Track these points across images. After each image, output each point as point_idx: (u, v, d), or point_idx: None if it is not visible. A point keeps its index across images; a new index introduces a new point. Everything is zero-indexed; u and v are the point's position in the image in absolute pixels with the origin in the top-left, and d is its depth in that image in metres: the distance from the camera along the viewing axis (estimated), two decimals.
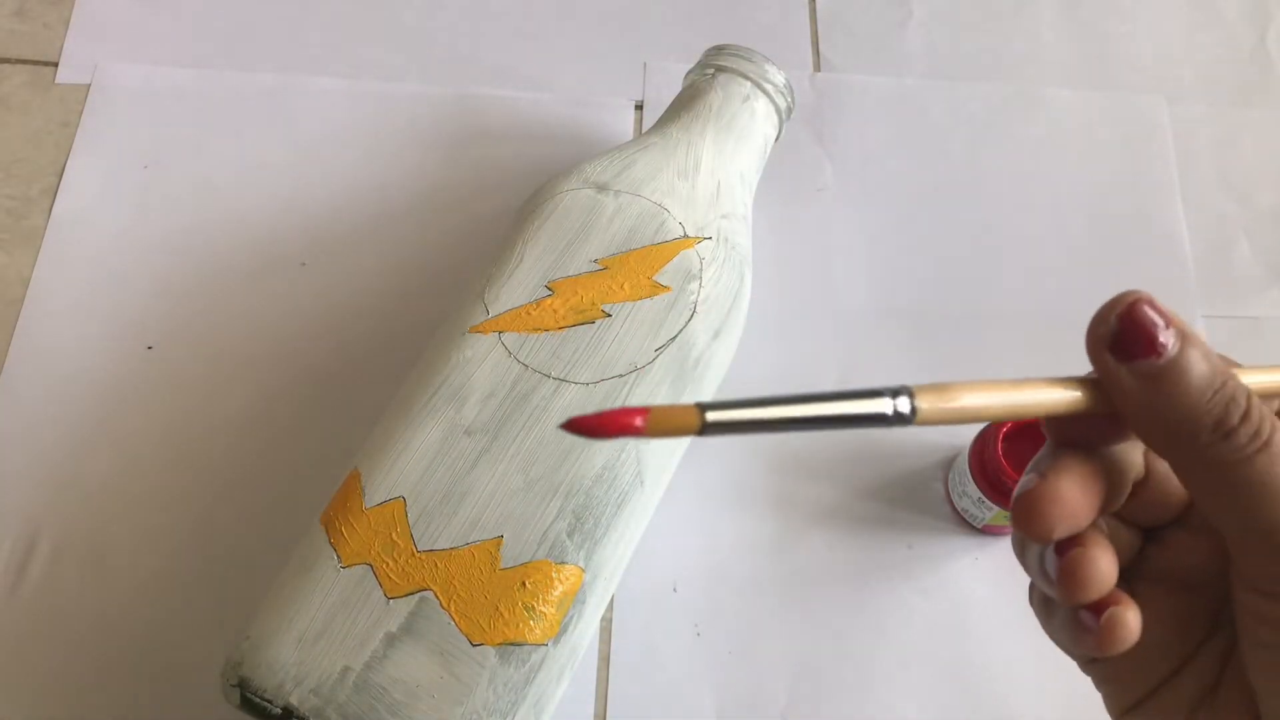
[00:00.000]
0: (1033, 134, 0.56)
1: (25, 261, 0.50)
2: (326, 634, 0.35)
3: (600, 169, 0.43)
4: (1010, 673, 0.44)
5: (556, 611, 0.36)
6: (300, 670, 0.34)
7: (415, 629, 0.35)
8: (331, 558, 0.36)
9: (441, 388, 0.38)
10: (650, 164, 0.43)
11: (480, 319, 0.39)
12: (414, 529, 0.36)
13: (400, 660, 0.34)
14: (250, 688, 0.34)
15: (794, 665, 0.44)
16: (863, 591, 0.46)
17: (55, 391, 0.48)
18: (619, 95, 0.56)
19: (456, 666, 0.34)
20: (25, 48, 0.56)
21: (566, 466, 0.37)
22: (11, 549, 0.45)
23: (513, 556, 0.36)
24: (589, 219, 0.41)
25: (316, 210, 0.52)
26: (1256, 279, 0.53)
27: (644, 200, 0.42)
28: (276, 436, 0.47)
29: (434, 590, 0.35)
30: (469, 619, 0.35)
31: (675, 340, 0.40)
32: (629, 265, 0.40)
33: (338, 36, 0.57)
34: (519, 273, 0.40)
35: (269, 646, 0.35)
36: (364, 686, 0.34)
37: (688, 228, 0.42)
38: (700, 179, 0.43)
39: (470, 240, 0.52)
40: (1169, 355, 0.22)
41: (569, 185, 0.43)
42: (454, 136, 0.55)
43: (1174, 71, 0.59)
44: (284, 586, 0.36)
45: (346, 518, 0.36)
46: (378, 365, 0.49)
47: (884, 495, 0.47)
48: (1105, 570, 0.23)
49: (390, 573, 0.35)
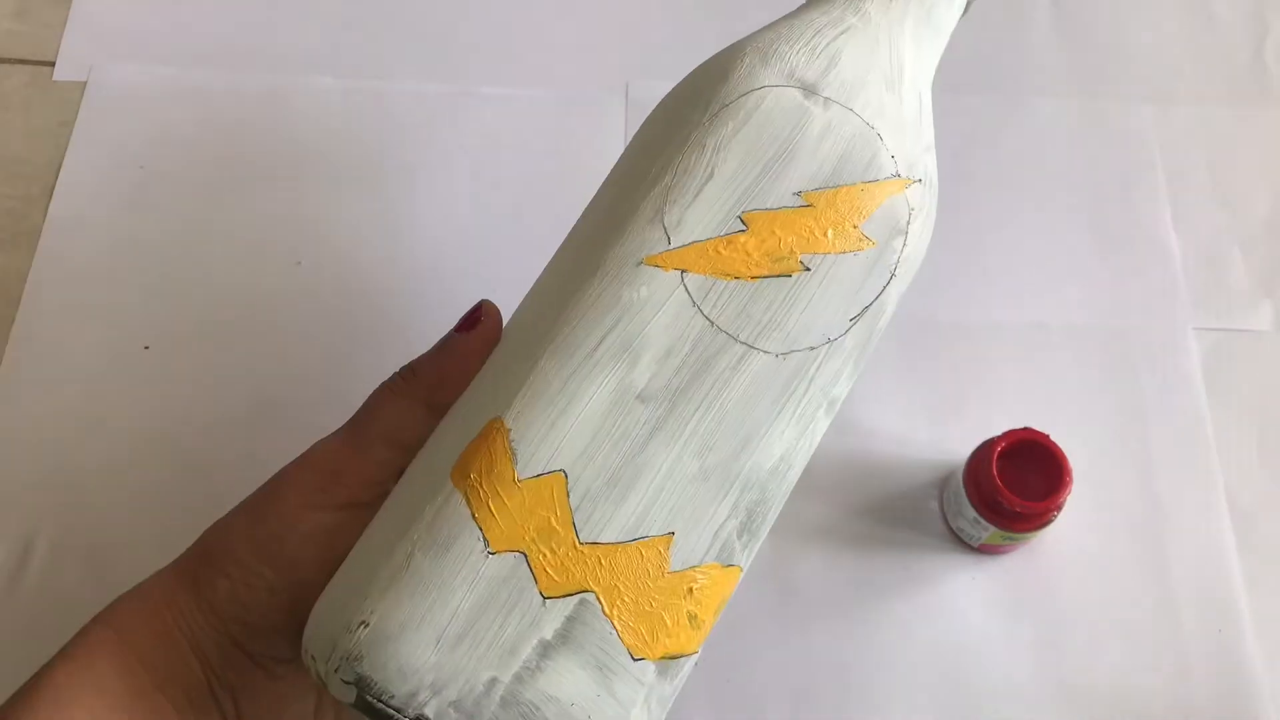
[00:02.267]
0: (1020, 144, 0.56)
1: (23, 261, 0.50)
2: (471, 635, 0.29)
3: (803, 57, 0.34)
4: (1008, 692, 0.44)
5: (713, 618, 0.31)
6: (439, 677, 0.29)
7: (573, 637, 0.29)
8: (476, 538, 0.29)
9: (611, 333, 0.31)
10: (856, 61, 0.34)
11: (659, 248, 0.32)
12: (575, 514, 0.30)
13: (554, 673, 0.29)
14: (372, 690, 0.29)
15: (792, 687, 0.44)
16: (859, 612, 0.46)
17: (53, 391, 0.48)
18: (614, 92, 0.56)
19: (615, 683, 0.30)
20: (25, 48, 0.55)
21: (746, 454, 0.31)
22: (9, 548, 0.45)
23: (682, 558, 0.30)
24: (795, 134, 0.33)
25: (312, 209, 0.52)
26: (1249, 291, 0.53)
27: (855, 118, 0.34)
28: (274, 436, 0.47)
29: (596, 592, 0.30)
30: (632, 629, 0.30)
31: (869, 309, 0.33)
32: (837, 206, 0.33)
33: (334, 35, 0.57)
34: (709, 191, 0.33)
35: (399, 642, 0.29)
36: (512, 702, 0.29)
37: (900, 164, 0.34)
38: (904, 92, 0.35)
39: (470, 238, 0.52)
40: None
41: (769, 78, 0.34)
42: (451, 135, 0.55)
43: (1166, 81, 0.59)
44: (411, 563, 0.29)
45: (494, 488, 0.30)
46: (374, 364, 0.49)
47: (879, 515, 0.47)
48: None
49: (548, 566, 0.30)
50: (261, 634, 0.32)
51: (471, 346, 0.33)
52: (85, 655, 0.31)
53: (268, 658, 0.32)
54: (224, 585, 0.32)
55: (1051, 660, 0.45)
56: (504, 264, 0.51)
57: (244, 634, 0.32)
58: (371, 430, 0.33)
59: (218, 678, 0.32)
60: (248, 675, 0.32)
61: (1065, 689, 0.45)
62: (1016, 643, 0.45)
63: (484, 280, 0.51)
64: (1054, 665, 0.45)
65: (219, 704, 0.32)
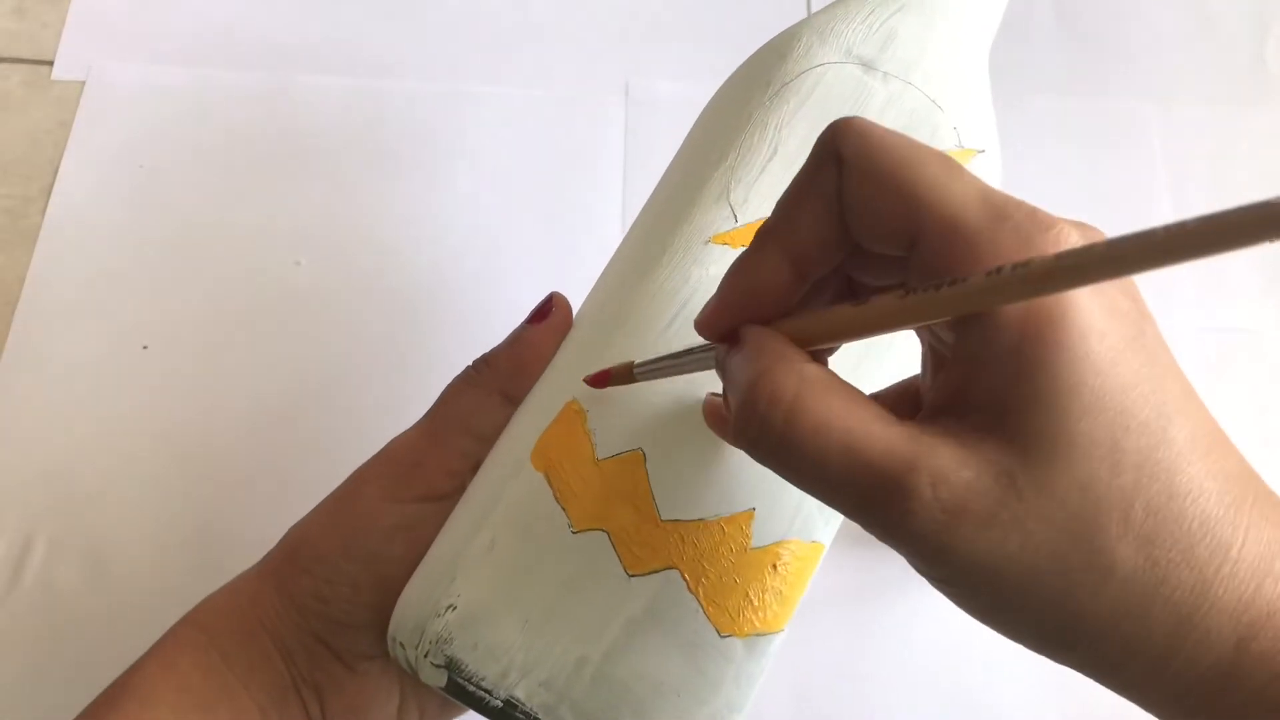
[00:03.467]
0: (1020, 144, 0.56)
1: (22, 261, 0.50)
2: (558, 614, 0.29)
3: (860, 35, 0.35)
4: (1012, 693, 0.45)
5: (798, 595, 0.31)
6: (528, 658, 0.29)
7: (659, 614, 0.29)
8: (559, 518, 0.29)
9: (683, 311, 0.31)
10: (913, 36, 0.35)
11: (727, 226, 0.32)
12: (655, 492, 0.30)
13: (643, 651, 0.29)
14: (463, 672, 0.28)
15: (794, 688, 0.44)
16: (862, 612, 0.46)
17: (51, 391, 0.48)
18: (614, 92, 0.56)
19: (703, 661, 0.30)
20: (23, 47, 0.55)
21: None
22: (8, 548, 0.45)
23: (764, 533, 0.30)
24: (856, 109, 0.34)
25: (312, 208, 0.52)
26: (1249, 291, 0.53)
27: (915, 91, 0.34)
28: (273, 435, 0.47)
29: (680, 569, 0.30)
30: (718, 605, 0.30)
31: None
32: None
33: (334, 35, 0.57)
34: (773, 169, 0.33)
35: (487, 624, 0.29)
36: (603, 680, 0.29)
37: (962, 135, 0.35)
38: (962, 66, 0.36)
39: (470, 238, 0.52)
40: None
41: (828, 55, 0.34)
42: (450, 134, 0.54)
43: (1167, 81, 0.59)
44: (496, 545, 0.30)
45: (575, 468, 0.30)
46: (374, 364, 0.49)
47: None
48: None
49: (631, 544, 0.29)
50: (345, 630, 0.32)
51: (543, 337, 0.33)
52: (171, 654, 0.32)
53: (352, 654, 0.32)
54: (307, 582, 0.32)
55: (1053, 663, 0.45)
56: (504, 263, 0.51)
57: (328, 630, 0.32)
58: (449, 421, 0.33)
59: (302, 676, 0.32)
60: (332, 672, 0.32)
61: (1065, 689, 0.45)
62: (1019, 645, 0.45)
63: (485, 280, 0.51)
64: (1054, 665, 0.45)
65: (303, 702, 0.32)
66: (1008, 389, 0.20)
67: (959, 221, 0.21)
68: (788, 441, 0.21)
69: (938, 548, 0.21)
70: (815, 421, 0.21)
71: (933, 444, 0.21)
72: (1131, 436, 0.20)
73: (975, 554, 0.21)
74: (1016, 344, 0.20)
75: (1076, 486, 0.20)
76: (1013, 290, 0.20)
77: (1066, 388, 0.20)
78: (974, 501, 0.20)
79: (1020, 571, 0.21)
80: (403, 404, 0.36)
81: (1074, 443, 0.20)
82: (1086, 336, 0.20)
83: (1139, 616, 0.21)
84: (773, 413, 0.22)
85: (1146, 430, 0.20)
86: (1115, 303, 0.21)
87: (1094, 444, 0.20)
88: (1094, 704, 0.46)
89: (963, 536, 0.20)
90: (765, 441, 0.22)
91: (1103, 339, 0.20)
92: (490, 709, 0.29)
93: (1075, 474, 0.20)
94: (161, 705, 0.30)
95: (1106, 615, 0.21)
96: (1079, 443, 0.20)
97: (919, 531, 0.21)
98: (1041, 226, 0.21)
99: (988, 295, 0.20)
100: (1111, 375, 0.20)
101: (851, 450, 0.21)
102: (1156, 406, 0.21)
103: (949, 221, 0.21)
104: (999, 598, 0.21)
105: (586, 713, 0.29)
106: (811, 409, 0.21)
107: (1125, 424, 0.20)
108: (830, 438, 0.21)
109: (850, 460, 0.21)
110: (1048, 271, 0.19)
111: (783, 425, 0.21)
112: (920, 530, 0.21)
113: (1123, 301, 0.21)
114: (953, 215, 0.21)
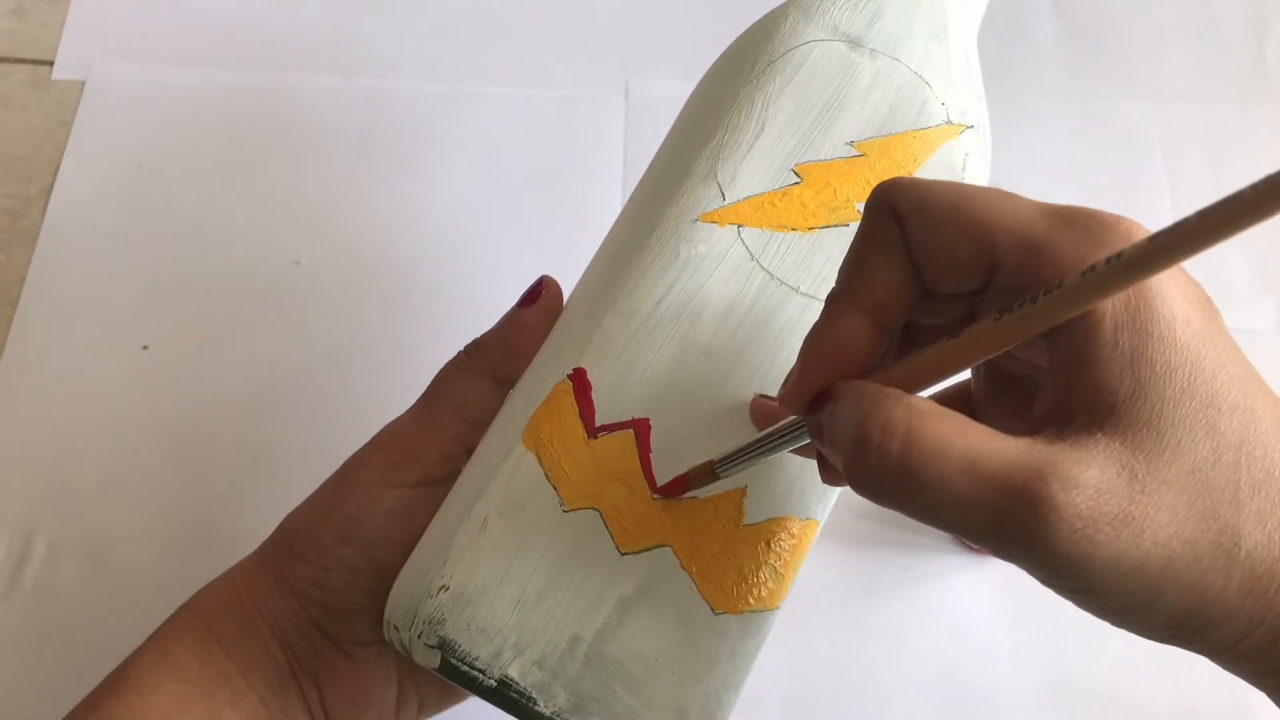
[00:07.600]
0: (1020, 144, 0.56)
1: (22, 260, 0.50)
2: (550, 593, 0.29)
3: (846, 12, 0.34)
4: (1009, 694, 0.44)
5: (793, 573, 0.31)
6: (521, 637, 0.28)
7: (653, 592, 0.29)
8: (551, 497, 0.29)
9: (671, 291, 0.31)
10: (900, 15, 0.35)
11: (714, 204, 0.32)
12: (650, 468, 0.30)
13: (637, 629, 0.29)
14: (456, 653, 0.28)
15: (790, 688, 0.44)
16: (859, 612, 0.46)
17: (51, 390, 0.48)
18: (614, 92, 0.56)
19: (698, 638, 0.29)
20: (23, 46, 0.55)
21: None
22: (8, 548, 0.45)
23: (756, 510, 0.30)
24: (843, 86, 0.33)
25: (311, 208, 0.52)
26: (1249, 291, 0.53)
27: (902, 67, 0.34)
28: (274, 434, 0.47)
29: (673, 546, 0.30)
30: (711, 582, 0.30)
31: None
32: (890, 154, 0.33)
33: (333, 34, 0.57)
34: (760, 146, 0.33)
35: (479, 604, 0.29)
36: (596, 659, 0.29)
37: (950, 111, 0.34)
38: (950, 44, 0.35)
39: (469, 238, 0.52)
40: None
41: (814, 33, 0.34)
42: (450, 134, 0.54)
43: (1167, 80, 0.59)
44: (488, 525, 0.29)
45: (566, 447, 0.30)
46: (373, 363, 0.49)
47: (879, 515, 0.47)
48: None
49: (624, 522, 0.29)
50: (342, 616, 0.32)
51: (534, 320, 0.34)
52: (169, 642, 0.32)
53: (349, 641, 0.32)
54: (304, 569, 0.32)
55: (1051, 660, 0.45)
56: (504, 263, 0.51)
57: (325, 617, 0.32)
58: (441, 406, 0.33)
59: (300, 663, 0.32)
60: (329, 659, 0.32)
61: (1065, 689, 0.45)
62: (1016, 643, 0.45)
63: (485, 279, 0.51)
64: (1054, 665, 0.45)
65: (301, 689, 0.32)
66: (1111, 383, 0.21)
67: (1032, 235, 0.22)
68: (908, 470, 0.21)
69: (1081, 557, 0.20)
70: (932, 445, 0.21)
71: (1051, 451, 0.21)
72: (1225, 418, 0.21)
73: (1116, 555, 0.20)
74: (1113, 337, 0.21)
75: (1187, 471, 0.21)
76: (1109, 284, 0.20)
77: (1163, 375, 0.21)
78: (1106, 501, 0.20)
79: (1158, 565, 0.21)
80: (402, 403, 0.36)
81: (1178, 429, 0.21)
82: (1174, 324, 0.21)
83: (1262, 592, 0.21)
84: (889, 443, 0.21)
85: (1238, 412, 0.21)
86: (1190, 290, 0.22)
87: (1195, 428, 0.21)
88: (1092, 701, 0.47)
89: (1103, 541, 0.20)
90: (885, 475, 0.22)
91: (1188, 325, 0.21)
92: (484, 689, 0.29)
93: (1184, 460, 0.21)
94: (160, 693, 0.30)
95: (1234, 595, 0.21)
96: (1182, 428, 0.21)
97: (1059, 542, 0.20)
98: (1108, 224, 0.22)
99: (1086, 294, 0.20)
100: (1201, 360, 0.21)
101: (975, 467, 0.21)
102: (1242, 387, 0.21)
103: (1023, 238, 0.22)
104: (1135, 596, 0.21)
105: (580, 691, 0.28)
106: (927, 433, 0.21)
107: (1219, 406, 0.21)
108: (950, 459, 0.21)
109: (975, 478, 0.21)
110: (1144, 255, 0.19)
111: (900, 454, 0.21)
112: (1060, 541, 0.20)
113: (1195, 290, 0.22)
114: (1025, 231, 0.22)
